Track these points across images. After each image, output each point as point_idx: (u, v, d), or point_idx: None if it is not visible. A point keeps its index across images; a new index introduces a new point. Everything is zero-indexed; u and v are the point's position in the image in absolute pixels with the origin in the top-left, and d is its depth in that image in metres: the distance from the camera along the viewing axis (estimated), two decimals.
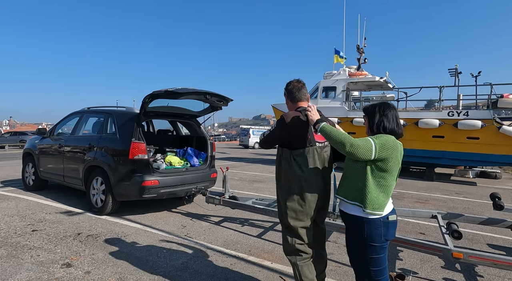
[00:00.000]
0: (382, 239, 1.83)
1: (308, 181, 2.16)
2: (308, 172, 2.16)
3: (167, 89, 4.23)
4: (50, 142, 6.01)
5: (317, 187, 2.18)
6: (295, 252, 2.23)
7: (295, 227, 2.20)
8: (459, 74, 10.79)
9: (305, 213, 2.18)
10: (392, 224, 1.87)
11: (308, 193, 2.16)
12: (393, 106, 1.98)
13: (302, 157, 2.17)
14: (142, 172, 4.50)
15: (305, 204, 2.17)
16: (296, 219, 2.19)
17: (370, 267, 1.86)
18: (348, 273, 3.07)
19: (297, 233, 2.21)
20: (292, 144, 2.21)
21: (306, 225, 2.20)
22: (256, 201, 4.58)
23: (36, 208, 5.03)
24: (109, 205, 4.66)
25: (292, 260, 2.24)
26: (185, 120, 5.79)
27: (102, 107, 5.69)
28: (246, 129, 31.54)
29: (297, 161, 2.17)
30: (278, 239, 4.01)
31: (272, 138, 2.31)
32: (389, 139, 1.84)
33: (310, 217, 2.19)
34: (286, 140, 2.23)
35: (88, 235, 3.87)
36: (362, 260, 1.89)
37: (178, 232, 4.14)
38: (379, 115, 1.92)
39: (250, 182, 8.62)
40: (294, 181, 2.18)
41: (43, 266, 2.97)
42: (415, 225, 4.84)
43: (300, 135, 2.18)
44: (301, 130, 2.18)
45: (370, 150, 1.77)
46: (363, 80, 12.69)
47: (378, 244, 1.83)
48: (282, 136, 2.24)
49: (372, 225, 1.82)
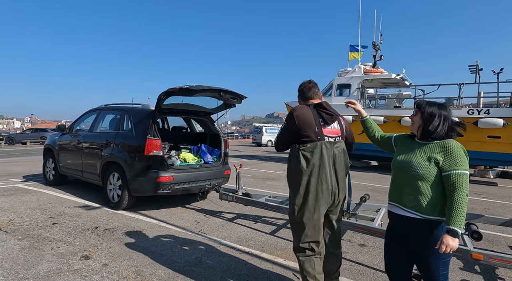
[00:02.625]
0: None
1: (315, 177, 2.13)
2: (315, 167, 2.13)
3: (182, 87, 4.28)
4: (69, 138, 6.20)
5: (324, 183, 2.14)
6: (299, 248, 2.24)
7: (299, 223, 2.21)
8: (480, 71, 10.43)
9: (310, 209, 2.15)
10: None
11: (314, 188, 2.14)
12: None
13: (309, 152, 2.13)
14: (157, 168, 4.58)
15: (311, 200, 2.14)
16: (301, 215, 2.18)
17: (441, 272, 1.80)
18: (363, 272, 3.04)
19: (301, 229, 2.20)
20: (301, 138, 2.17)
21: (311, 221, 2.17)
22: (269, 199, 4.58)
23: (56, 202, 5.20)
24: (125, 200, 4.77)
25: (296, 255, 2.28)
26: (199, 117, 5.84)
27: (119, 104, 5.81)
28: (259, 127, 31.54)
29: (305, 156, 2.14)
30: (291, 236, 3.98)
31: (284, 136, 2.28)
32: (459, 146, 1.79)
33: (316, 214, 2.16)
34: (296, 134, 2.19)
35: (105, 229, 3.97)
36: (435, 264, 1.81)
37: (192, 227, 4.20)
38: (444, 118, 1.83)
39: (263, 180, 8.62)
40: (301, 176, 2.16)
41: (63, 257, 3.07)
42: None
43: (308, 128, 2.16)
44: (309, 122, 2.17)
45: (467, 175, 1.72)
46: (379, 77, 12.45)
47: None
48: (292, 130, 2.20)
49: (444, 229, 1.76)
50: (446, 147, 1.77)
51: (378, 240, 3.89)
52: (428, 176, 1.76)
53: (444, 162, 1.74)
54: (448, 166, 1.73)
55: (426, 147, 1.84)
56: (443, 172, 1.74)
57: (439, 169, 1.76)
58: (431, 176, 1.76)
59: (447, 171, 1.72)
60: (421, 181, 1.79)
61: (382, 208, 3.91)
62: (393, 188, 1.97)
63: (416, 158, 1.84)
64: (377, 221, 3.44)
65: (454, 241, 1.65)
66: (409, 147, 1.94)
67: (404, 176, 1.88)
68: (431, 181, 1.77)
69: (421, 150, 1.86)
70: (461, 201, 1.67)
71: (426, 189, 1.78)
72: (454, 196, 1.68)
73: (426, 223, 1.78)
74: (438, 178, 1.76)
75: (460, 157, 1.72)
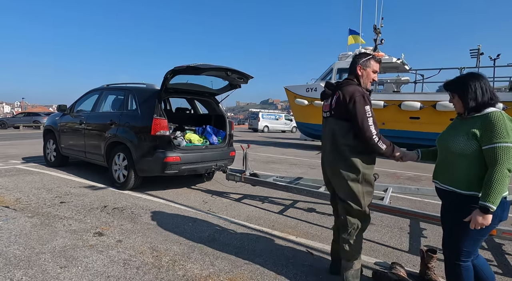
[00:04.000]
0: (497, 220, 1.70)
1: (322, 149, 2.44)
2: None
3: (189, 65, 4.19)
4: (71, 119, 6.08)
5: (323, 156, 2.38)
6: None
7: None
8: (481, 55, 10.42)
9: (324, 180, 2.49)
10: (507, 205, 1.73)
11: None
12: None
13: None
14: (164, 148, 4.54)
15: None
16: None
17: (463, 247, 1.74)
18: (374, 249, 3.10)
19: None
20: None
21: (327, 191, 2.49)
22: (277, 179, 4.59)
23: (60, 182, 5.15)
24: (131, 181, 4.74)
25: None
26: (204, 97, 5.76)
27: (122, 83, 5.69)
28: (255, 113, 31.41)
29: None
30: (299, 215, 4.05)
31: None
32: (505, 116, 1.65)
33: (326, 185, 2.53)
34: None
35: (114, 207, 3.96)
36: (461, 238, 1.75)
37: (201, 207, 4.21)
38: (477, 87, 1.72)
39: (265, 163, 8.65)
40: None
41: (77, 234, 3.06)
42: (435, 205, 4.81)
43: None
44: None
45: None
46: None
47: (492, 225, 1.67)
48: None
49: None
50: (485, 118, 1.66)
51: (385, 218, 3.96)
52: (465, 151, 1.69)
53: (484, 135, 1.64)
54: (488, 140, 1.62)
55: (466, 121, 1.77)
56: (483, 146, 1.65)
57: (478, 143, 1.66)
58: (469, 151, 1.68)
59: (486, 145, 1.63)
60: (457, 156, 1.73)
61: (389, 188, 3.96)
62: (436, 166, 1.94)
63: (454, 134, 1.78)
64: (387, 199, 3.49)
65: (484, 218, 1.60)
66: (452, 125, 1.91)
67: (441, 153, 1.87)
68: (469, 156, 1.69)
69: (461, 126, 1.80)
70: (498, 176, 1.57)
71: (463, 165, 1.72)
72: (492, 170, 1.60)
73: (461, 198, 1.73)
74: (477, 153, 1.67)
75: (501, 128, 1.59)
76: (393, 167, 8.54)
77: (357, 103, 2.04)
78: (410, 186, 4.27)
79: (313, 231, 3.50)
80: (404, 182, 6.70)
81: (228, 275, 2.43)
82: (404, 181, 6.82)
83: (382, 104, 10.87)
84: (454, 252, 1.81)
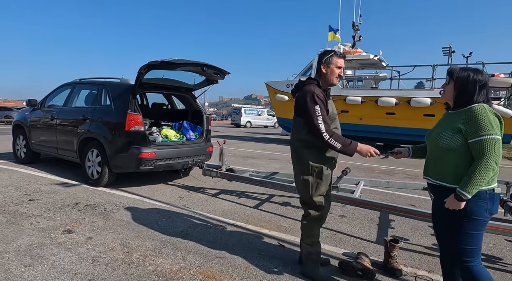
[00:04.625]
0: (487, 213, 1.67)
1: None
2: None
3: (164, 60, 4.14)
4: (42, 114, 5.87)
5: None
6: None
7: None
8: (452, 53, 10.84)
9: None
10: (497, 198, 1.70)
11: None
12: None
13: None
14: (139, 144, 4.48)
15: None
16: None
17: (463, 245, 1.70)
18: (343, 240, 3.21)
19: None
20: None
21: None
22: (252, 174, 4.64)
23: (30, 180, 4.98)
24: (105, 177, 4.65)
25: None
26: (180, 93, 5.71)
27: (95, 78, 5.54)
28: (238, 108, 31.35)
29: None
30: (274, 209, 4.12)
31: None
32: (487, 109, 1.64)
33: None
34: None
35: (86, 204, 3.88)
36: (458, 235, 1.71)
37: (176, 202, 4.20)
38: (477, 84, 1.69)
39: (245, 158, 8.68)
40: None
41: (45, 232, 2.99)
42: (406, 198, 5.01)
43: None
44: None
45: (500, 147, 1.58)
46: (358, 58, 12.62)
47: (482, 218, 1.67)
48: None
49: (477, 198, 1.64)
50: (469, 113, 1.65)
51: (356, 211, 4.10)
52: (451, 145, 1.69)
53: (468, 129, 1.63)
54: (473, 133, 1.62)
55: (452, 115, 1.76)
56: (469, 140, 1.64)
57: (463, 137, 1.66)
58: (454, 145, 1.68)
59: (472, 138, 1.62)
60: (445, 151, 1.73)
61: (361, 181, 4.09)
62: (426, 162, 1.93)
63: (440, 130, 1.77)
64: (357, 192, 3.60)
65: (457, 204, 1.63)
66: (440, 121, 1.90)
67: (430, 149, 1.86)
68: (456, 150, 1.68)
69: (446, 121, 1.79)
70: (482, 168, 1.57)
71: (451, 159, 1.71)
72: (477, 162, 1.59)
73: (451, 191, 1.69)
74: (463, 147, 1.66)
75: (485, 121, 1.59)
76: (369, 161, 8.79)
77: (307, 103, 2.15)
78: (380, 180, 4.44)
79: (286, 224, 3.57)
80: (379, 176, 6.92)
81: (198, 269, 2.46)
82: (379, 175, 7.05)
83: (360, 100, 11.13)
84: (454, 252, 1.75)
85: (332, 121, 2.31)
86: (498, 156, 1.58)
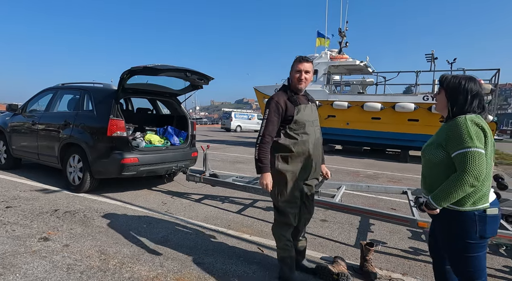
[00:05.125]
0: (477, 235, 1.53)
1: None
2: None
3: (146, 65, 4.14)
4: (23, 119, 5.77)
5: None
6: None
7: None
8: (435, 60, 11.12)
9: None
10: (490, 219, 1.54)
11: None
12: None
13: None
14: (121, 149, 4.44)
15: None
16: None
17: (467, 267, 1.59)
18: (323, 244, 3.26)
19: None
20: None
21: None
22: (236, 179, 4.66)
23: (9, 186, 4.88)
24: (87, 183, 4.59)
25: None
26: (165, 98, 5.70)
27: (78, 83, 5.49)
28: (228, 112, 31.33)
29: None
30: (257, 214, 4.14)
31: None
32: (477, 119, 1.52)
33: None
34: None
35: (65, 211, 3.83)
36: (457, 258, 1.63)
37: (158, 208, 4.17)
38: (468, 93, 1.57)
39: (232, 163, 8.69)
40: None
41: (20, 240, 2.93)
42: (387, 202, 5.10)
43: None
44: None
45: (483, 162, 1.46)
46: (344, 63, 12.83)
47: (473, 241, 1.54)
48: None
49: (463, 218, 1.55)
50: (451, 125, 1.56)
51: (338, 215, 4.15)
52: (436, 160, 1.60)
53: (449, 143, 1.54)
54: (453, 147, 1.52)
55: (442, 128, 1.65)
56: (451, 154, 1.54)
57: (446, 151, 1.56)
58: (437, 160, 1.59)
59: (452, 152, 1.52)
60: (432, 166, 1.64)
61: (342, 186, 4.15)
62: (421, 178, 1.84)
63: (429, 143, 1.69)
64: (338, 197, 3.65)
65: (430, 211, 1.60)
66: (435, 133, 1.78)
67: (422, 162, 1.77)
68: (440, 165, 1.59)
69: (437, 133, 1.68)
70: (454, 180, 1.48)
71: (437, 175, 1.61)
72: (454, 175, 1.50)
73: (441, 211, 1.60)
74: (446, 161, 1.57)
75: (464, 133, 1.48)
76: (355, 165, 8.91)
77: (266, 106, 2.31)
78: (361, 184, 4.51)
79: (267, 229, 3.59)
80: (363, 180, 7.02)
81: (175, 275, 2.46)
82: (363, 179, 7.14)
83: (347, 105, 11.29)
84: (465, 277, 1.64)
85: (302, 126, 2.27)
86: (478, 171, 1.44)
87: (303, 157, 2.29)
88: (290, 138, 2.26)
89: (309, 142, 2.28)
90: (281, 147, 2.27)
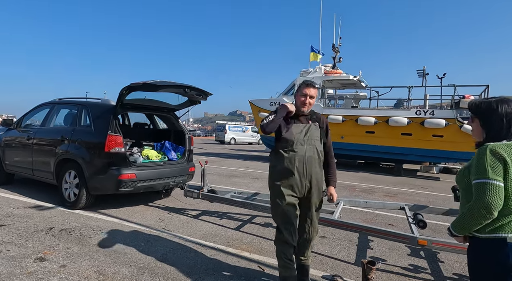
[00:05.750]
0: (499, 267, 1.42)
1: None
2: None
3: (145, 81, 4.17)
4: (17, 134, 5.71)
5: None
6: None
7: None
8: (426, 75, 11.41)
9: None
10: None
11: None
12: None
13: None
14: (119, 165, 4.41)
15: None
16: None
17: None
18: (323, 262, 3.24)
19: None
20: None
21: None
22: (234, 195, 4.64)
23: (2, 203, 4.77)
24: (83, 199, 4.53)
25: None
26: (162, 113, 5.71)
27: (75, 98, 5.48)
28: (222, 125, 31.38)
29: None
30: (256, 231, 4.12)
31: None
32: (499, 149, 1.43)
33: None
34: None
35: (61, 229, 3.75)
36: None
37: (156, 225, 4.12)
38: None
39: (228, 177, 8.66)
40: None
41: (15, 260, 2.86)
42: (384, 217, 5.13)
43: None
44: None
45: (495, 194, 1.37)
46: (338, 78, 13.07)
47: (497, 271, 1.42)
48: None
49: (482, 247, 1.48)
50: (476, 153, 1.50)
51: (337, 232, 4.15)
52: (463, 185, 1.57)
53: (471, 171, 1.50)
54: (472, 175, 1.48)
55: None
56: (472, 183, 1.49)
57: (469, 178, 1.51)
58: (465, 185, 1.55)
59: (472, 181, 1.48)
60: (461, 190, 1.61)
61: (341, 202, 4.17)
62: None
63: (465, 165, 1.62)
64: (336, 213, 3.67)
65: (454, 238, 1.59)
66: None
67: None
68: (467, 191, 1.54)
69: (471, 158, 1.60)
70: (468, 209, 1.45)
71: (464, 199, 1.58)
72: (467, 204, 1.47)
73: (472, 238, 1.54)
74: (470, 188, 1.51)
75: (481, 164, 1.42)
76: (351, 179, 8.96)
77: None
78: (359, 200, 4.53)
79: (267, 246, 3.57)
80: (359, 194, 7.05)
81: None
82: (359, 193, 7.18)
83: (341, 119, 11.44)
84: None
85: (289, 144, 2.37)
86: (488, 203, 1.36)
87: (290, 173, 2.36)
88: (278, 154, 2.43)
89: (295, 160, 2.34)
90: (273, 160, 2.49)
